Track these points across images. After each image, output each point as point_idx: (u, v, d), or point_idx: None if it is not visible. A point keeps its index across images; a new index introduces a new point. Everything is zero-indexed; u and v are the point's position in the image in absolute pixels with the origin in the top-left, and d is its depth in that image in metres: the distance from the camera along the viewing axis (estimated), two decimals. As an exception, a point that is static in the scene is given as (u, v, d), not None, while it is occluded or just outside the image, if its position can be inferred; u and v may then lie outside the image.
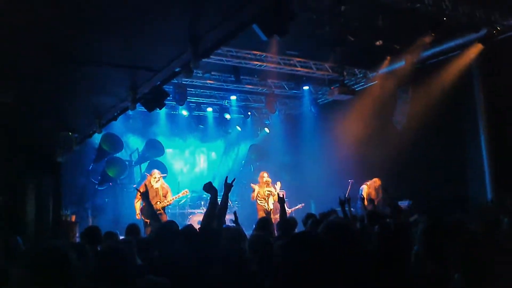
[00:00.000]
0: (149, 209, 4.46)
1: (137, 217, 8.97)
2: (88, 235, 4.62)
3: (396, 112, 10.89)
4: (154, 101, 5.90)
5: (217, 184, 14.12)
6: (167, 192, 9.33)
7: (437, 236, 2.59)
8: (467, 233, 3.48)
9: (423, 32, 8.90)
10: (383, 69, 10.86)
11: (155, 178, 9.22)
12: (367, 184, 10.13)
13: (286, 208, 10.03)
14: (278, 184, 10.45)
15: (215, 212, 4.51)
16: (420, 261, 2.97)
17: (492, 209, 6.12)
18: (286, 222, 5.87)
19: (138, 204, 9.06)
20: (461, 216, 5.93)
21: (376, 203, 9.48)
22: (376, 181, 10.04)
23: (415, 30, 8.94)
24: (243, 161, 14.38)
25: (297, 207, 10.43)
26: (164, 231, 3.93)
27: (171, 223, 4.25)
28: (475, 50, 8.86)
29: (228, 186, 4.64)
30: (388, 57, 10.29)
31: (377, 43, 9.19)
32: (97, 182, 11.68)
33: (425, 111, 9.53)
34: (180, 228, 4.56)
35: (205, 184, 4.49)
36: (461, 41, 9.02)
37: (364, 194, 9.92)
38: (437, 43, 9.21)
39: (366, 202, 8.11)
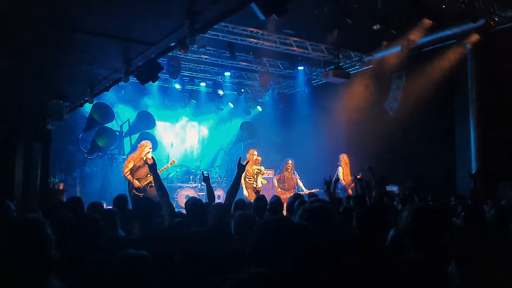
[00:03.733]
0: (157, 181, 4.52)
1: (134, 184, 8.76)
2: (70, 205, 4.63)
3: (389, 98, 10.93)
4: (148, 74, 5.85)
5: (207, 160, 14.20)
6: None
7: (425, 223, 2.60)
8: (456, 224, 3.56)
9: (421, 19, 8.88)
10: (379, 53, 10.84)
11: (149, 148, 9.07)
12: (341, 166, 10.22)
13: (305, 190, 10.12)
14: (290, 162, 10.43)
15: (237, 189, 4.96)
16: (399, 246, 3.02)
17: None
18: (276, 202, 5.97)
19: (127, 174, 8.88)
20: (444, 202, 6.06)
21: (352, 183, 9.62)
22: (343, 157, 10.17)
23: (413, 16, 8.91)
24: (234, 138, 14.40)
25: (312, 190, 10.28)
26: (141, 204, 3.97)
27: (148, 199, 4.33)
28: (471, 39, 8.86)
29: (241, 167, 4.93)
30: (385, 42, 10.26)
31: (374, 27, 9.13)
32: (86, 151, 11.66)
33: (418, 98, 9.58)
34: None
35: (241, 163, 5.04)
36: (458, 30, 9.00)
37: (340, 174, 10.05)
38: (434, 31, 9.19)
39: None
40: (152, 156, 4.87)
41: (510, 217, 2.41)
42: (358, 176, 6.41)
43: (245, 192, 9.73)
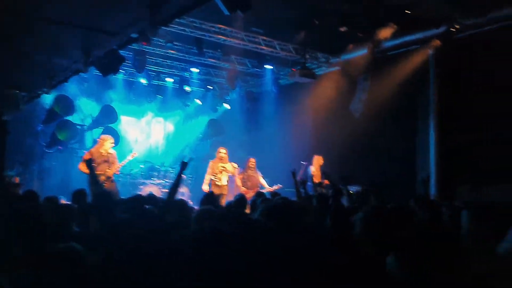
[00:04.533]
0: (92, 176, 4.38)
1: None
2: (25, 198, 4.47)
3: (355, 99, 11.08)
4: (109, 66, 5.69)
5: (172, 156, 14.03)
6: (114, 159, 9.08)
7: (375, 221, 2.66)
8: (406, 218, 3.63)
9: (387, 23, 9.05)
10: (346, 55, 10.97)
11: (111, 143, 8.94)
12: (312, 166, 10.32)
13: (267, 187, 10.13)
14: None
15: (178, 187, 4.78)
16: (359, 244, 3.06)
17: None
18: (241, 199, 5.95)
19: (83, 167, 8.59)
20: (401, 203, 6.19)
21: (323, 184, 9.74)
22: (319, 159, 10.28)
23: (380, 20, 9.07)
24: (201, 135, 14.28)
25: (274, 187, 10.30)
26: (104, 197, 3.86)
27: (108, 192, 4.22)
28: (434, 45, 9.09)
29: (183, 165, 4.80)
30: (351, 45, 10.39)
31: (341, 29, 9.24)
32: (45, 145, 11.28)
33: (382, 100, 9.76)
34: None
35: (184, 161, 4.79)
36: (421, 35, 9.21)
37: (312, 174, 10.16)
38: (399, 35, 9.37)
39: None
40: (95, 148, 4.70)
41: (458, 218, 2.46)
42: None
43: (205, 187, 9.72)
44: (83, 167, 8.27)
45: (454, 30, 8.58)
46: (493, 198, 7.24)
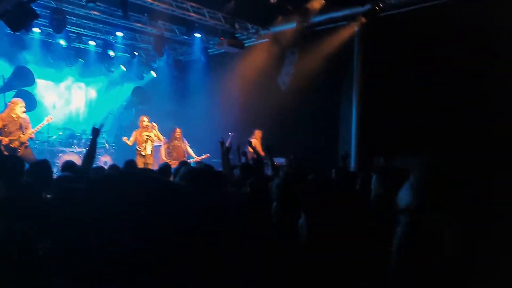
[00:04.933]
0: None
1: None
2: None
3: (282, 72, 11.20)
4: (20, 21, 5.22)
5: (93, 124, 13.40)
6: (28, 124, 8.59)
7: (287, 189, 2.75)
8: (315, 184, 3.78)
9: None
10: (275, 27, 11.00)
11: (21, 107, 8.40)
12: (254, 138, 10.33)
13: (195, 157, 9.98)
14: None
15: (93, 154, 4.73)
16: (277, 213, 3.14)
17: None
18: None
19: None
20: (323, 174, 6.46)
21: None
22: (259, 133, 10.39)
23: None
24: (125, 103, 13.75)
25: (202, 157, 10.19)
26: (6, 163, 3.62)
27: (16, 157, 3.98)
28: (358, 23, 9.37)
29: (95, 132, 4.63)
30: (280, 17, 10.42)
31: (272, 1, 9.22)
32: None
33: (309, 74, 9.96)
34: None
35: (96, 127, 4.69)
36: (348, 12, 9.46)
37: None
38: (327, 11, 9.55)
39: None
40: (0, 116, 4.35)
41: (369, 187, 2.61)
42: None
43: (136, 159, 9.46)
44: None
45: (378, 8, 8.88)
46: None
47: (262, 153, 9.95)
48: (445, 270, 2.10)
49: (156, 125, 10.10)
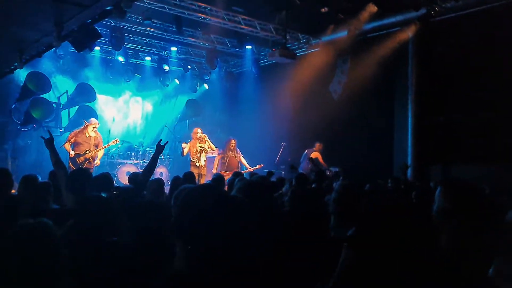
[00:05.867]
0: (52, 156, 4.30)
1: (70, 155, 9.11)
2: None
3: (333, 81, 11.11)
4: (84, 40, 5.53)
5: (150, 137, 13.88)
6: (99, 142, 9.48)
7: (347, 200, 2.70)
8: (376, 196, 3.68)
9: (367, 5, 9.04)
10: (326, 36, 10.94)
11: (94, 127, 9.45)
12: (315, 150, 10.26)
13: (248, 167, 10.13)
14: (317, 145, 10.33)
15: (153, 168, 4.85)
16: (334, 223, 3.09)
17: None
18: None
19: (68, 146, 9.19)
20: (379, 182, 6.31)
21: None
22: (319, 145, 10.32)
23: (360, 2, 9.05)
24: (179, 115, 14.13)
25: (255, 167, 10.30)
26: (75, 176, 3.81)
27: (83, 170, 4.18)
28: (413, 28, 9.12)
29: (159, 148, 4.78)
30: (332, 26, 10.35)
31: (322, 10, 9.19)
32: (19, 123, 10.98)
33: (361, 82, 9.79)
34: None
35: (161, 144, 4.83)
36: (401, 18, 9.24)
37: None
38: (379, 18, 9.38)
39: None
40: (48, 131, 4.61)
41: (428, 198, 2.51)
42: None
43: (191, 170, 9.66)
44: (67, 147, 9.07)
45: (433, 13, 8.62)
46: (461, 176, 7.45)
47: (325, 165, 9.89)
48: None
49: (206, 136, 10.28)
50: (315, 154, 9.95)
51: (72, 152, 9.15)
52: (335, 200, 2.92)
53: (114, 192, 4.07)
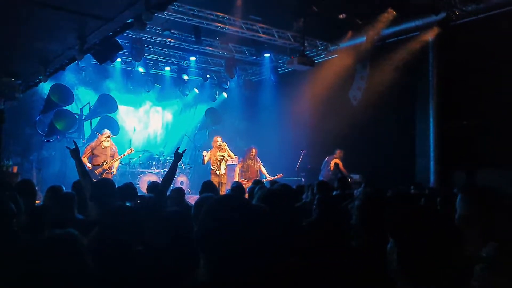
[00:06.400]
0: (79, 166, 4.37)
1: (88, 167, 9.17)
2: (20, 188, 4.45)
3: (352, 87, 11.04)
4: (106, 53, 5.64)
5: (170, 146, 14.00)
6: (114, 153, 9.65)
7: (370, 208, 2.66)
8: (403, 204, 3.63)
9: (385, 10, 8.98)
10: (344, 43, 10.90)
11: (106, 137, 9.64)
12: (336, 157, 10.20)
13: (268, 176, 10.13)
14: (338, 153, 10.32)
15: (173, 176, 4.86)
16: (357, 232, 3.05)
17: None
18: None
19: (86, 160, 9.27)
20: (402, 189, 6.21)
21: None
22: (340, 152, 10.25)
23: (378, 7, 9.00)
24: (199, 124, 14.23)
25: (275, 177, 10.29)
26: (99, 186, 3.86)
27: (107, 180, 4.23)
28: (433, 32, 9.01)
29: (178, 156, 4.78)
30: (350, 32, 10.32)
31: (340, 16, 9.18)
32: (44, 134, 11.23)
33: (381, 88, 9.71)
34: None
35: (179, 152, 4.81)
36: (420, 22, 9.14)
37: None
38: (398, 23, 9.31)
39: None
40: (73, 141, 4.70)
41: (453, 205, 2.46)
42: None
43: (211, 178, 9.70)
44: (85, 161, 9.19)
45: (453, 16, 8.51)
46: (486, 183, 7.27)
47: (346, 172, 9.82)
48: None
49: (226, 144, 10.33)
50: (335, 161, 9.88)
51: (89, 165, 9.35)
52: (358, 208, 2.88)
53: (139, 201, 4.12)
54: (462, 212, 2.36)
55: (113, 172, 9.79)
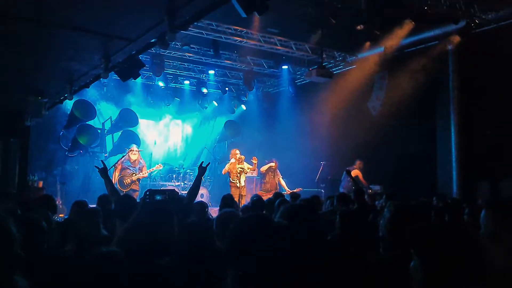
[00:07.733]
0: (108, 185, 4.46)
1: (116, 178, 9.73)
2: (42, 203, 4.56)
3: (372, 97, 11.01)
4: (129, 70, 5.78)
5: (190, 159, 14.14)
6: (143, 166, 10.08)
7: (400, 221, 2.65)
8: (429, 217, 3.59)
9: (404, 20, 8.96)
10: (362, 53, 10.90)
11: (133, 151, 10.08)
12: (356, 168, 10.17)
13: (287, 189, 10.18)
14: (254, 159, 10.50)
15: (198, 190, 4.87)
16: (385, 246, 3.04)
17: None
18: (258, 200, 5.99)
19: (116, 174, 9.70)
20: (426, 200, 6.14)
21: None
22: (360, 163, 10.21)
23: (397, 17, 8.99)
24: (218, 137, 14.34)
25: (294, 190, 10.28)
26: (122, 202, 3.95)
27: (128, 196, 4.32)
28: (453, 41, 8.95)
29: (202, 169, 4.82)
30: (368, 43, 10.32)
31: (358, 27, 9.18)
32: (67, 149, 11.47)
33: (400, 98, 9.66)
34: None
35: (203, 166, 4.86)
36: (440, 31, 9.09)
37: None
38: (417, 32, 9.27)
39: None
40: (101, 161, 4.81)
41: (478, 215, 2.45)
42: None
43: (231, 191, 9.77)
44: (116, 175, 9.72)
45: (473, 24, 8.45)
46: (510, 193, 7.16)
47: (365, 183, 9.77)
48: None
49: (244, 157, 10.42)
50: (355, 172, 9.82)
51: (116, 176, 9.70)
52: (388, 220, 2.84)
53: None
54: (488, 229, 2.34)
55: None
